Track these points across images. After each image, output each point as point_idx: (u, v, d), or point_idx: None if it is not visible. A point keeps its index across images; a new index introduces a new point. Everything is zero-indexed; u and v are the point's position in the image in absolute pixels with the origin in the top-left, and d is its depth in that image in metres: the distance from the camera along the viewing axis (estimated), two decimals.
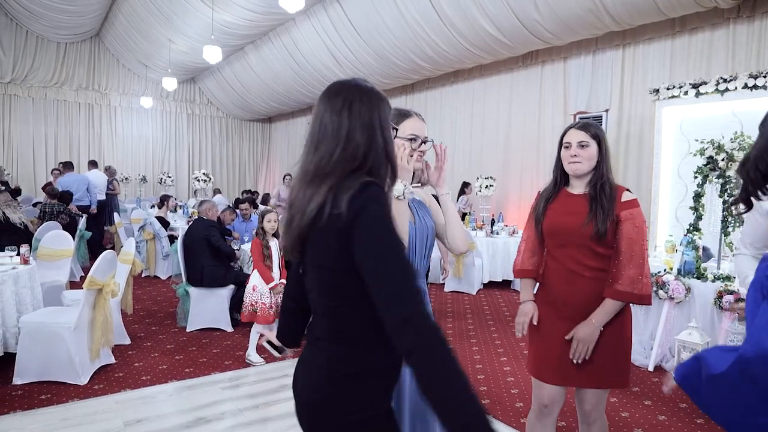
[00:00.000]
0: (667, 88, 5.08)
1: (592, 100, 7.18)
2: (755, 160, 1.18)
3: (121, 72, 14.33)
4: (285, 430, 3.02)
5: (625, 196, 1.93)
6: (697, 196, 4.03)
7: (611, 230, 1.89)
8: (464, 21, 7.02)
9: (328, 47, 9.24)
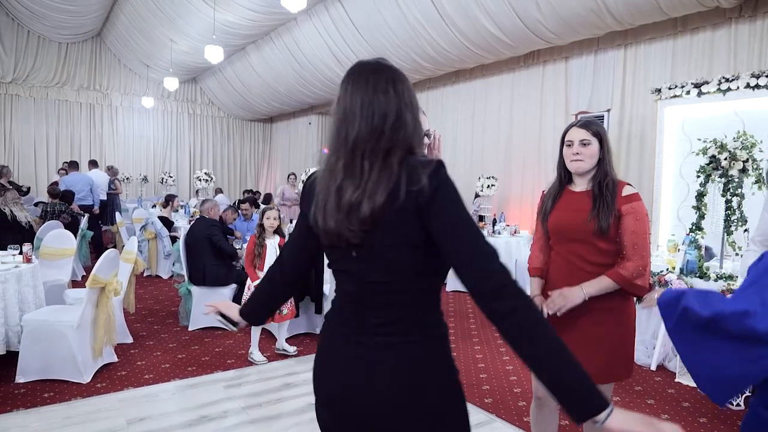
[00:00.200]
0: (669, 88, 5.08)
1: (594, 100, 7.17)
2: None
3: (123, 72, 14.33)
4: (288, 428, 3.02)
5: (626, 191, 1.96)
6: (700, 196, 4.03)
7: (613, 225, 1.91)
8: (466, 21, 7.02)
9: (330, 47, 9.24)
